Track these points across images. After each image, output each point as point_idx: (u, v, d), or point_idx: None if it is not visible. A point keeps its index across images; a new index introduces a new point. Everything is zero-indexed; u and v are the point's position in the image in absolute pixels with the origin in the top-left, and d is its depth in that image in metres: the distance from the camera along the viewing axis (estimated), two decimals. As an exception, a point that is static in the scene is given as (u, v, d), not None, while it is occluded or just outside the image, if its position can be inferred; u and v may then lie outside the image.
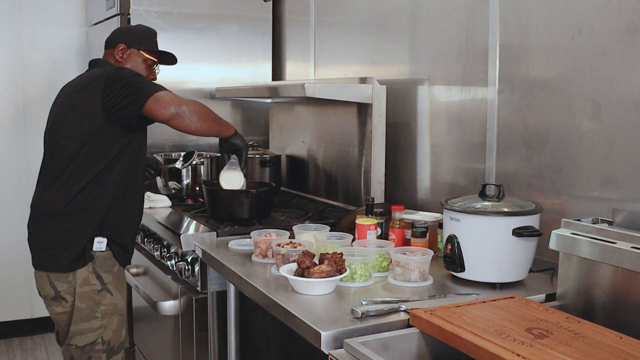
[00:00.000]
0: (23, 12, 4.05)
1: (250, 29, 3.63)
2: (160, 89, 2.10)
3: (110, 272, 2.21)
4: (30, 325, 4.24)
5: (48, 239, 2.19)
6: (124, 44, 2.38)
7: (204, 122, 2.14)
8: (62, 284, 2.17)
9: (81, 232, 2.16)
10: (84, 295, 2.16)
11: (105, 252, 2.19)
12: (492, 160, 2.17)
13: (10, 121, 4.10)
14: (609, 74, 1.75)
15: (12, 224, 4.09)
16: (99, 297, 2.18)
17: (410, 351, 1.47)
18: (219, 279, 2.24)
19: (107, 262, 2.20)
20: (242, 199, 2.49)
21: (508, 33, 2.09)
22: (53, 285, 2.17)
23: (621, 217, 1.54)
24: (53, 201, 2.17)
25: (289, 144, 3.42)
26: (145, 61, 2.42)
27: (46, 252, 2.18)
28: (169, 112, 2.04)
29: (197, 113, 2.10)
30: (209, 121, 2.19)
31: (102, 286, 2.19)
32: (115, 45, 2.38)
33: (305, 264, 1.71)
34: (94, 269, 2.17)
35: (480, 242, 1.75)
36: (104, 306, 2.19)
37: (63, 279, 2.16)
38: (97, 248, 2.17)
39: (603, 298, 1.53)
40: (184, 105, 2.07)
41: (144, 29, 2.49)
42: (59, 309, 2.21)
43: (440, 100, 2.44)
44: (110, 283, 2.21)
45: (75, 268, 2.15)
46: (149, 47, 2.44)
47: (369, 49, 2.87)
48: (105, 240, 2.18)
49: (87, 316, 2.17)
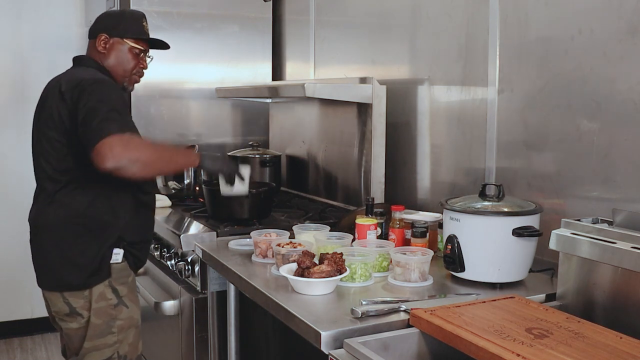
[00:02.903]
0: (23, 11, 4.05)
1: (250, 29, 3.63)
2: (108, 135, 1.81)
3: (126, 284, 2.10)
4: (30, 325, 4.23)
5: (57, 257, 2.03)
6: (105, 33, 2.15)
7: (151, 169, 1.97)
8: (77, 300, 2.03)
9: (96, 247, 2.02)
10: (99, 311, 2.04)
11: (121, 264, 2.08)
12: (492, 160, 2.17)
13: (10, 121, 4.10)
14: (609, 74, 1.75)
15: (12, 224, 4.09)
16: (115, 311, 2.07)
17: (410, 351, 1.47)
18: (219, 279, 2.24)
19: (123, 274, 2.10)
20: (242, 199, 2.49)
21: (508, 33, 2.09)
22: (67, 302, 2.04)
23: (621, 217, 1.54)
24: (59, 215, 2.03)
25: (289, 144, 3.42)
26: (132, 50, 2.18)
27: (58, 271, 2.03)
28: (105, 168, 1.81)
29: (141, 163, 1.87)
30: (159, 165, 2.01)
31: (118, 300, 2.07)
32: (96, 36, 2.16)
33: (305, 264, 1.71)
34: (110, 283, 2.06)
35: (480, 242, 1.75)
36: (120, 321, 2.08)
37: (79, 295, 2.03)
38: (114, 260, 2.05)
39: (603, 298, 1.53)
40: (124, 159, 1.82)
41: (128, 14, 2.25)
42: (73, 325, 2.06)
43: (440, 100, 2.43)
44: (125, 296, 2.09)
45: (92, 284, 2.03)
46: (134, 34, 2.19)
47: (369, 49, 2.87)
48: (122, 252, 2.07)
49: (103, 332, 2.06)
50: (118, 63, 2.18)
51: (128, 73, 2.22)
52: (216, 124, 3.58)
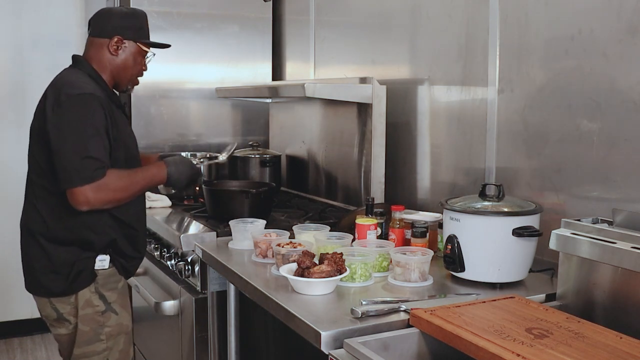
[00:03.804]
0: (23, 11, 4.05)
1: (250, 29, 3.63)
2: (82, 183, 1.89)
3: (115, 290, 2.10)
4: (30, 325, 4.23)
5: (43, 263, 2.05)
6: (120, 35, 2.13)
7: (124, 201, 2.02)
8: (64, 306, 2.05)
9: (80, 254, 2.03)
10: (86, 317, 2.05)
11: (108, 270, 2.08)
12: (492, 160, 2.17)
13: (10, 121, 4.10)
14: (609, 74, 1.75)
15: (11, 224, 4.08)
16: (103, 318, 2.07)
17: (410, 351, 1.47)
18: (219, 279, 2.24)
19: (111, 279, 2.09)
20: (242, 199, 2.49)
21: (508, 33, 2.09)
22: (55, 307, 2.06)
23: (621, 217, 1.54)
24: (44, 221, 2.05)
25: (289, 144, 3.42)
26: (141, 53, 2.20)
27: (43, 277, 2.05)
28: (80, 209, 1.92)
29: (115, 202, 1.99)
30: (130, 194, 2.03)
31: (106, 306, 2.07)
32: (110, 37, 2.13)
33: (305, 264, 1.71)
34: (97, 289, 2.06)
35: (480, 242, 1.75)
36: (108, 327, 2.08)
37: (65, 301, 2.05)
38: (99, 266, 2.06)
39: (603, 298, 1.53)
40: (97, 204, 1.92)
41: (139, 16, 2.23)
42: (62, 331, 2.10)
43: (440, 100, 2.43)
44: (114, 302, 2.09)
45: (75, 290, 2.04)
46: (145, 37, 2.22)
47: (369, 49, 2.87)
48: (108, 258, 2.07)
49: (91, 339, 2.06)
50: (126, 66, 2.18)
51: (134, 76, 2.23)
52: (216, 124, 3.59)
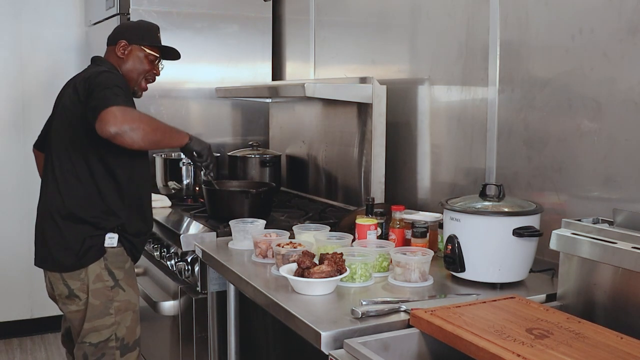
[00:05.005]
0: (23, 11, 4.05)
1: (250, 29, 3.63)
2: (112, 105, 1.98)
3: (122, 269, 2.22)
4: (29, 326, 4.23)
5: (57, 240, 2.18)
6: (125, 40, 2.35)
7: (148, 139, 2.04)
8: (75, 282, 2.17)
9: (92, 231, 2.17)
10: (97, 291, 2.17)
11: (117, 248, 2.20)
12: (492, 160, 2.17)
13: (10, 121, 4.09)
14: (609, 74, 1.75)
15: (11, 225, 4.09)
16: (112, 293, 2.19)
17: (411, 351, 1.47)
18: (219, 279, 2.24)
19: (119, 259, 2.21)
20: (242, 199, 2.48)
21: (508, 33, 2.09)
22: (66, 283, 2.18)
23: (622, 217, 1.54)
24: (62, 201, 2.18)
25: (289, 144, 3.42)
26: (147, 57, 2.37)
27: (56, 252, 2.18)
28: (108, 132, 1.96)
29: (141, 131, 2.00)
30: (155, 136, 2.09)
31: (114, 282, 2.19)
32: (117, 42, 2.35)
33: (305, 264, 1.71)
34: (106, 265, 2.18)
35: (481, 242, 1.75)
36: (117, 302, 2.19)
37: (75, 276, 2.17)
38: (108, 244, 2.18)
39: (603, 298, 1.53)
40: (125, 125, 1.97)
41: (146, 25, 2.46)
42: (73, 307, 2.20)
43: (440, 100, 2.43)
44: (122, 280, 2.21)
45: (86, 264, 2.16)
46: (151, 42, 2.39)
47: (369, 49, 2.87)
48: (117, 236, 2.19)
49: (101, 313, 2.18)
50: (134, 67, 2.36)
51: (142, 76, 2.39)
52: (216, 124, 3.59)
